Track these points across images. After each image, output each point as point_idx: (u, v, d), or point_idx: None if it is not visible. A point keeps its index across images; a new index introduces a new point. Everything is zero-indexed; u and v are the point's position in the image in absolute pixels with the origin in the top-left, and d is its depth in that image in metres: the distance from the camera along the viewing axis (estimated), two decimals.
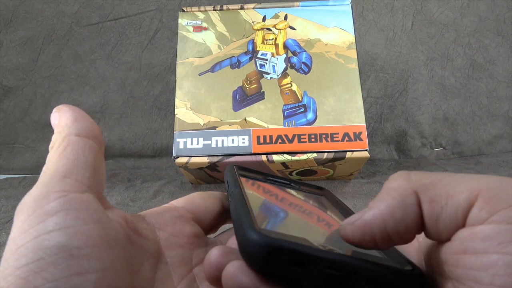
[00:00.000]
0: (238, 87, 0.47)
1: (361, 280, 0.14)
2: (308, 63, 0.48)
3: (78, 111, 0.18)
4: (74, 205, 0.14)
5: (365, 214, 0.14)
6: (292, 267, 0.14)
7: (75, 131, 0.17)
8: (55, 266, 0.12)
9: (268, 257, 0.13)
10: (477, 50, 0.65)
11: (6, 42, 0.64)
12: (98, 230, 0.14)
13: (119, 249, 0.15)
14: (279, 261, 0.13)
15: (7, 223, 0.47)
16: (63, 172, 0.15)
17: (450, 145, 0.63)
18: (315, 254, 0.14)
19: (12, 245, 0.13)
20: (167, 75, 0.64)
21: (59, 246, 0.13)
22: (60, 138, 0.17)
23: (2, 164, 0.62)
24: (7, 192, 0.56)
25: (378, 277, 0.14)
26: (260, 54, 0.49)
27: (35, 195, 0.14)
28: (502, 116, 0.64)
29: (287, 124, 0.45)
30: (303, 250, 0.14)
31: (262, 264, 0.14)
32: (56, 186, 0.14)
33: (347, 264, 0.14)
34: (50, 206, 0.13)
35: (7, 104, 0.63)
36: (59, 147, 0.16)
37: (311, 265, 0.14)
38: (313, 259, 0.14)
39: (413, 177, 0.14)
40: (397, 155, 0.63)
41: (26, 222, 0.13)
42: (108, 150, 0.63)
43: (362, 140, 0.45)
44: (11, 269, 0.12)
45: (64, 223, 0.13)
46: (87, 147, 0.16)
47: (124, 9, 0.65)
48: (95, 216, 0.14)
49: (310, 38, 0.49)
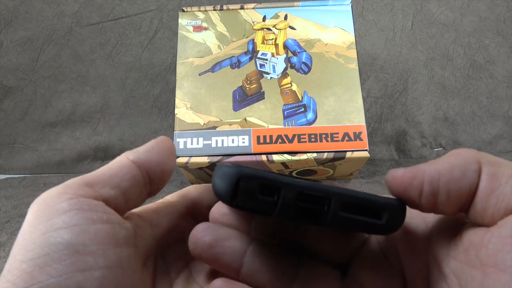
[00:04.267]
0: (238, 87, 0.47)
1: (336, 205, 0.14)
2: (308, 63, 0.48)
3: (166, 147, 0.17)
4: (84, 206, 0.14)
5: (422, 164, 0.14)
6: (263, 196, 0.13)
7: (133, 156, 0.17)
8: (60, 262, 0.12)
9: (237, 185, 0.13)
10: (477, 50, 0.65)
11: (6, 42, 0.64)
12: (106, 230, 0.14)
13: (127, 247, 0.15)
14: (248, 189, 0.13)
15: (7, 223, 0.47)
16: (89, 181, 0.15)
17: (450, 145, 0.63)
18: (284, 181, 0.13)
19: (21, 238, 0.13)
20: (167, 75, 0.64)
21: (65, 243, 0.13)
22: (123, 154, 0.17)
23: (2, 164, 0.62)
24: (7, 192, 0.56)
25: (354, 201, 0.14)
26: (260, 54, 0.49)
27: (52, 193, 0.14)
28: (502, 116, 0.64)
29: (287, 124, 0.45)
30: (272, 177, 0.13)
31: (232, 194, 0.13)
32: (72, 189, 0.15)
33: (319, 188, 0.14)
34: (60, 206, 0.14)
35: (7, 104, 0.63)
36: (112, 161, 0.17)
37: (282, 192, 0.13)
38: (283, 185, 0.13)
39: (482, 153, 0.14)
40: (397, 155, 0.63)
41: (37, 218, 0.14)
42: (108, 150, 0.63)
43: (362, 140, 0.45)
44: (17, 262, 0.13)
45: (72, 222, 0.13)
46: (130, 174, 0.16)
47: (124, 9, 0.65)
48: (104, 217, 0.14)
49: (310, 38, 0.49)
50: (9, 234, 0.45)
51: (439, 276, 0.15)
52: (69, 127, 0.63)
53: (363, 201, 0.14)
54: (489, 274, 0.12)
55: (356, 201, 0.14)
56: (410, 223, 0.17)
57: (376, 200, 0.14)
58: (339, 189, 0.14)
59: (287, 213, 0.14)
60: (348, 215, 0.14)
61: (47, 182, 0.58)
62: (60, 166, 0.62)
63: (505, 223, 0.13)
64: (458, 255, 0.14)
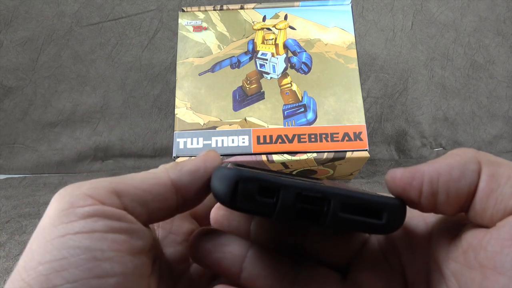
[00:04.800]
0: (238, 87, 0.47)
1: (336, 206, 0.14)
2: (308, 63, 0.48)
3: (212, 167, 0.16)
4: (106, 214, 0.14)
5: (421, 164, 0.14)
6: (262, 198, 0.13)
7: (175, 175, 0.15)
8: (77, 267, 0.12)
9: (236, 187, 0.13)
10: (477, 50, 0.65)
11: (6, 42, 0.64)
12: (125, 238, 0.14)
13: (143, 255, 0.15)
14: (247, 191, 0.13)
15: (7, 223, 0.47)
16: (118, 189, 0.15)
17: (450, 145, 0.63)
18: (283, 182, 0.13)
19: (40, 235, 0.13)
20: (167, 75, 0.64)
21: (83, 248, 0.13)
22: (167, 164, 0.16)
23: (2, 164, 0.62)
24: (7, 192, 0.56)
25: (354, 202, 0.14)
26: (260, 54, 0.49)
27: (77, 193, 0.14)
28: (502, 116, 0.64)
29: (287, 124, 0.45)
30: (271, 179, 0.13)
31: (231, 196, 0.13)
32: (99, 195, 0.14)
33: (318, 190, 0.14)
34: (83, 210, 0.13)
35: (7, 104, 0.63)
36: (154, 173, 0.16)
37: (281, 193, 0.13)
38: (282, 187, 0.13)
39: (482, 152, 0.14)
40: (397, 155, 0.63)
41: (58, 217, 0.13)
42: (108, 150, 0.63)
43: (362, 140, 0.45)
44: (34, 262, 0.12)
45: (92, 228, 0.13)
46: (164, 196, 0.15)
47: (124, 9, 0.65)
48: (125, 226, 0.14)
49: (310, 38, 0.49)
50: (9, 234, 0.45)
51: (439, 278, 0.14)
52: (69, 127, 0.63)
53: (363, 201, 0.14)
54: (488, 276, 0.12)
55: (356, 202, 0.14)
56: (410, 223, 0.17)
57: (376, 200, 0.14)
58: (338, 189, 0.14)
59: (286, 215, 0.14)
60: (347, 215, 0.14)
61: (47, 182, 0.58)
62: (60, 166, 0.62)
63: (503, 225, 0.13)
64: (458, 257, 0.14)
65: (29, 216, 0.49)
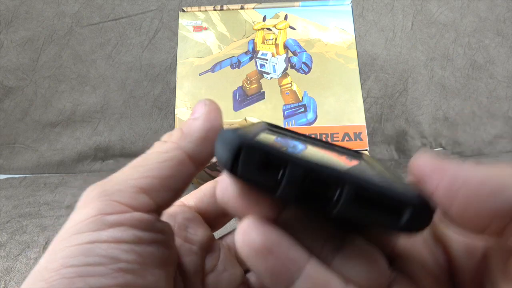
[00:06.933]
0: (238, 87, 0.47)
1: (350, 194, 0.12)
2: (308, 63, 0.48)
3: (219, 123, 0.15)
4: (135, 224, 0.14)
5: (451, 161, 0.12)
6: (266, 172, 0.12)
7: (187, 147, 0.15)
8: (101, 275, 0.12)
9: (237, 155, 0.12)
10: (477, 50, 0.65)
11: (6, 42, 0.64)
12: (151, 250, 0.14)
13: (167, 267, 0.15)
14: (250, 161, 0.12)
15: (7, 223, 0.47)
16: (145, 185, 0.14)
17: (450, 145, 0.63)
18: (292, 157, 0.12)
19: (65, 239, 0.13)
20: (167, 75, 0.64)
21: (109, 257, 0.13)
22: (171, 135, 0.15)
23: (3, 164, 0.62)
24: (7, 192, 0.56)
25: (372, 193, 0.12)
26: (260, 54, 0.49)
27: (106, 198, 0.14)
28: (502, 116, 0.64)
29: (287, 124, 0.46)
30: (278, 151, 0.12)
31: (232, 163, 0.12)
32: (127, 198, 0.14)
33: (332, 171, 0.12)
34: (112, 217, 0.13)
35: (8, 104, 0.63)
36: (166, 153, 0.15)
37: (288, 169, 0.12)
38: (290, 162, 0.12)
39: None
40: (397, 155, 0.63)
41: (86, 223, 0.13)
42: (108, 150, 0.63)
43: (362, 140, 0.45)
44: (57, 264, 0.12)
45: (120, 238, 0.13)
46: (186, 173, 0.15)
47: (125, 9, 0.65)
48: (151, 237, 0.14)
49: (310, 38, 0.49)
50: (9, 234, 0.45)
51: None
52: (69, 127, 0.63)
53: (383, 192, 0.12)
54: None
55: (374, 193, 0.12)
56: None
57: (399, 194, 0.12)
58: (356, 174, 0.12)
59: (291, 194, 0.12)
60: (362, 208, 0.12)
61: (47, 182, 0.58)
62: (60, 166, 0.62)
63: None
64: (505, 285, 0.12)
65: (29, 216, 0.49)
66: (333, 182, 0.12)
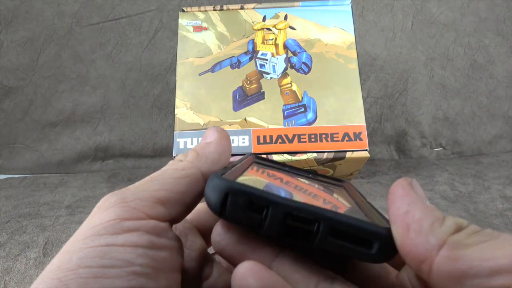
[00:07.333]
0: (238, 87, 0.47)
1: (326, 229, 0.13)
2: (308, 63, 0.48)
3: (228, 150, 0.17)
4: (150, 230, 0.14)
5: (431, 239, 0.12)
6: (251, 213, 0.13)
7: (203, 167, 0.17)
8: (116, 277, 0.13)
9: (225, 199, 0.13)
10: (477, 50, 0.65)
11: (6, 42, 0.64)
12: (165, 256, 0.14)
13: (178, 272, 0.15)
14: (236, 204, 0.13)
15: (7, 223, 0.47)
16: (162, 197, 0.15)
17: (450, 145, 0.63)
18: (273, 199, 0.13)
19: (81, 240, 0.13)
20: (167, 75, 0.64)
21: (125, 260, 0.13)
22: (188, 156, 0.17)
23: (2, 164, 0.62)
24: (7, 192, 0.56)
25: (344, 228, 0.13)
26: (260, 54, 0.49)
27: (125, 205, 0.14)
28: (502, 116, 0.64)
29: (287, 124, 0.46)
30: (261, 194, 0.13)
31: (220, 207, 0.14)
32: (144, 207, 0.15)
33: (308, 211, 0.13)
34: (129, 223, 0.14)
35: (8, 104, 0.63)
36: (183, 170, 0.16)
37: (269, 210, 0.13)
38: (272, 204, 0.13)
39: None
40: (397, 155, 0.63)
41: (104, 227, 0.14)
42: (108, 150, 0.63)
43: (362, 140, 0.45)
44: (73, 264, 0.13)
45: (136, 243, 0.14)
46: (199, 191, 0.16)
47: (125, 9, 0.65)
48: (166, 243, 0.15)
49: (310, 38, 0.49)
50: (9, 234, 0.45)
51: None
52: (69, 127, 0.63)
53: (353, 228, 0.13)
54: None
55: (346, 228, 0.13)
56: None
57: (367, 229, 0.13)
58: (330, 212, 0.13)
59: (274, 231, 0.14)
60: (337, 240, 0.13)
61: (47, 182, 0.58)
62: (60, 166, 0.62)
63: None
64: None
65: (29, 216, 0.49)
66: (311, 219, 0.13)
